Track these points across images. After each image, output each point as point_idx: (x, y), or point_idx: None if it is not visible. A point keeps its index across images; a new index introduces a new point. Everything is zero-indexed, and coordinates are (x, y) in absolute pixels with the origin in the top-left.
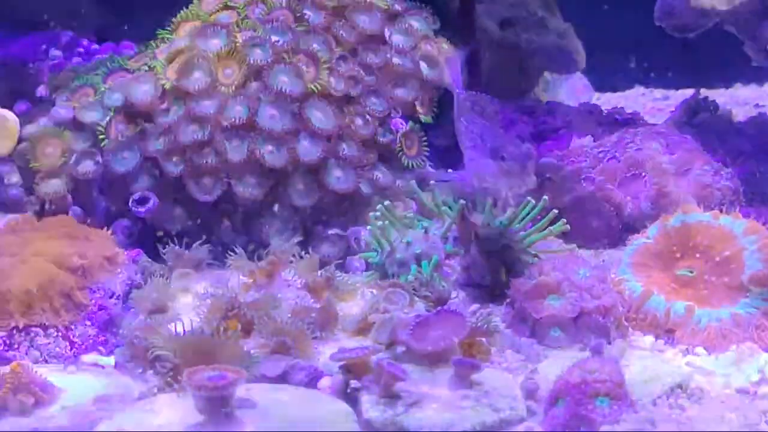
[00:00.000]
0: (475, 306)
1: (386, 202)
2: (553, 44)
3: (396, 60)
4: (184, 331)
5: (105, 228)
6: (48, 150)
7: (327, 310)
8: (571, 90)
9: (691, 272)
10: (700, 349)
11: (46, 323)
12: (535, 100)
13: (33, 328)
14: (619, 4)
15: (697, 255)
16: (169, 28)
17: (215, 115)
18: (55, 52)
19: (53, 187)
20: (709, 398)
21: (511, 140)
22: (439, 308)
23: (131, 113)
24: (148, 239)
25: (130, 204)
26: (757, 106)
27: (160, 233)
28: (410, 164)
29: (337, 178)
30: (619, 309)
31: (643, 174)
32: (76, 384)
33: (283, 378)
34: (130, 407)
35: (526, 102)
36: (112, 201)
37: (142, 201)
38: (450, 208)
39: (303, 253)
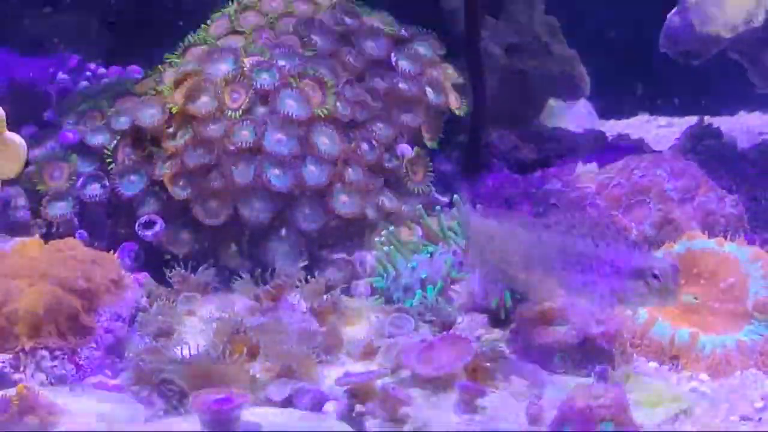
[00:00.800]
0: (480, 331)
1: (392, 227)
2: (558, 71)
3: (402, 85)
4: (190, 354)
5: (111, 251)
6: (55, 173)
7: (332, 334)
8: (575, 116)
9: (696, 299)
10: (704, 376)
11: (53, 346)
12: (540, 126)
13: (39, 351)
14: (624, 31)
15: (702, 281)
16: (176, 53)
17: (222, 139)
18: (63, 76)
19: (60, 210)
20: (713, 424)
21: (652, 258)
22: (444, 333)
23: (138, 137)
24: (154, 262)
25: (136, 227)
26: (761, 133)
27: (168, 256)
28: (416, 190)
29: (343, 203)
30: (624, 335)
31: (648, 200)
32: (82, 406)
33: (288, 402)
34: (136, 430)
35: (531, 128)
36: (119, 224)
37: (148, 224)
38: (456, 233)
39: (309, 277)
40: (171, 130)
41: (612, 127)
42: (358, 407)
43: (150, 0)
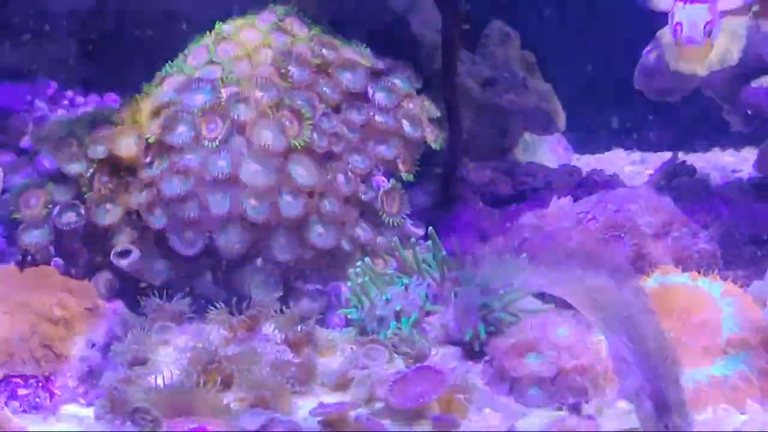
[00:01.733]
0: (454, 363)
1: (366, 259)
2: (533, 105)
3: (378, 118)
4: (164, 383)
5: (87, 279)
6: (31, 201)
7: (306, 364)
8: (550, 151)
9: (669, 333)
10: None
11: (27, 373)
12: (515, 161)
13: (13, 379)
14: (600, 66)
15: (675, 316)
16: (154, 82)
17: (198, 169)
18: (40, 104)
19: (35, 238)
20: None
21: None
22: (418, 365)
23: (115, 166)
24: (129, 291)
25: (111, 256)
26: (734, 171)
27: (143, 285)
28: (391, 222)
29: (319, 234)
30: (597, 369)
31: (622, 235)
32: None
33: None
34: None
35: (506, 162)
36: (94, 253)
37: (124, 254)
38: (430, 266)
39: (283, 307)
40: (148, 159)
41: (587, 162)
42: None
43: (128, 30)
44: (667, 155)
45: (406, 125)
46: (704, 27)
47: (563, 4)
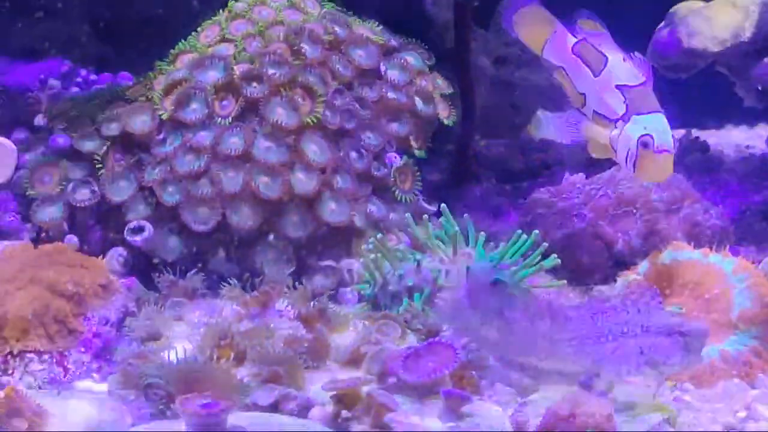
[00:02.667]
0: (465, 339)
1: (379, 235)
2: (546, 82)
3: (391, 95)
4: (177, 359)
5: (100, 256)
6: (45, 178)
7: (319, 340)
8: (563, 128)
9: (681, 309)
10: (688, 385)
11: (41, 349)
12: (528, 137)
13: (28, 354)
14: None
15: (687, 292)
16: (167, 60)
17: (211, 146)
18: (54, 82)
19: (50, 215)
20: None
21: (682, 319)
22: (430, 340)
23: (128, 143)
24: (142, 268)
25: (125, 233)
26: (747, 147)
27: (156, 261)
28: (403, 198)
29: (332, 211)
30: None
31: (634, 211)
32: (69, 410)
33: (274, 407)
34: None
35: (518, 139)
36: (108, 230)
37: (137, 230)
38: (443, 242)
39: (296, 283)
40: (161, 136)
41: None
42: (344, 413)
43: (141, 7)
44: (681, 132)
45: (418, 102)
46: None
47: None
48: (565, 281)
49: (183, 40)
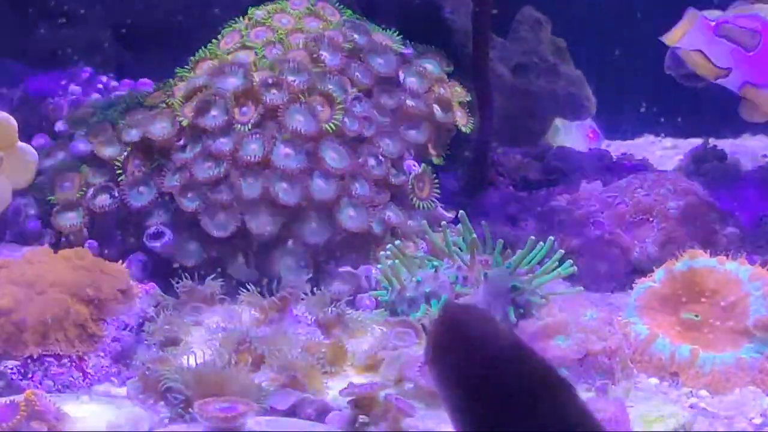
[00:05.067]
0: None
1: (397, 242)
2: (564, 90)
3: (410, 102)
4: (195, 363)
5: (120, 261)
6: (65, 183)
7: (337, 346)
8: (581, 136)
9: (697, 316)
10: (703, 392)
11: (60, 353)
12: (546, 145)
13: (47, 358)
14: (630, 51)
15: (703, 299)
16: (187, 67)
17: (231, 152)
18: (75, 88)
19: (70, 220)
20: None
21: None
22: None
23: (148, 149)
24: (162, 273)
25: (145, 238)
26: (764, 156)
27: (175, 266)
28: (421, 205)
29: (350, 217)
30: (625, 351)
31: (651, 219)
32: (88, 414)
33: (292, 411)
34: None
35: (536, 146)
36: (128, 235)
37: (157, 235)
38: (460, 249)
39: (314, 289)
40: (181, 142)
41: (617, 148)
42: (362, 417)
43: (161, 14)
44: (698, 141)
45: (437, 110)
46: None
47: None
48: (582, 288)
49: (203, 47)
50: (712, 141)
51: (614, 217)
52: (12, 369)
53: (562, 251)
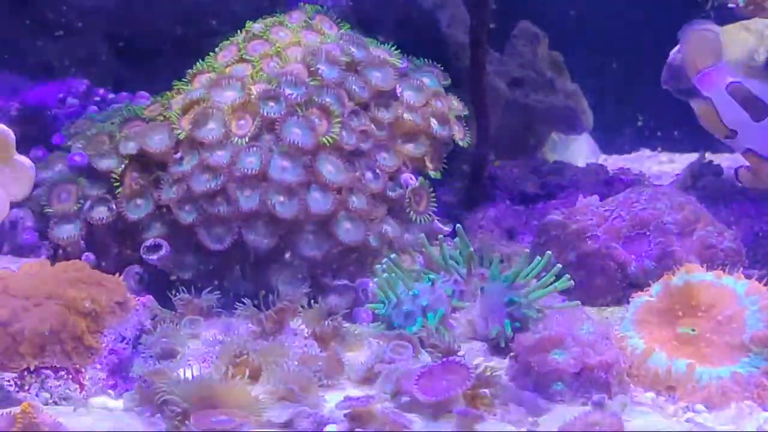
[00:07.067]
0: (479, 359)
1: (393, 255)
2: (561, 105)
3: (407, 116)
4: (192, 376)
5: (117, 274)
6: (63, 196)
7: (333, 359)
8: (578, 150)
9: (693, 330)
10: (700, 407)
11: (57, 365)
12: (542, 159)
13: (44, 370)
14: (626, 66)
15: (699, 314)
16: (184, 80)
17: (228, 165)
18: (72, 100)
19: (67, 232)
20: None
21: None
22: (443, 359)
23: (145, 162)
24: (159, 285)
25: (142, 251)
26: None
27: (172, 279)
28: (418, 219)
29: (347, 230)
30: (621, 365)
31: (648, 233)
32: (85, 426)
33: (289, 424)
34: None
35: (533, 160)
36: (125, 247)
37: (154, 248)
38: (457, 262)
39: (311, 302)
40: (178, 155)
41: (614, 162)
42: (358, 431)
43: (159, 27)
44: (694, 156)
45: (434, 123)
46: None
47: (591, 4)
48: (578, 302)
49: (201, 60)
50: (708, 156)
51: (611, 232)
52: (8, 381)
53: (560, 266)
